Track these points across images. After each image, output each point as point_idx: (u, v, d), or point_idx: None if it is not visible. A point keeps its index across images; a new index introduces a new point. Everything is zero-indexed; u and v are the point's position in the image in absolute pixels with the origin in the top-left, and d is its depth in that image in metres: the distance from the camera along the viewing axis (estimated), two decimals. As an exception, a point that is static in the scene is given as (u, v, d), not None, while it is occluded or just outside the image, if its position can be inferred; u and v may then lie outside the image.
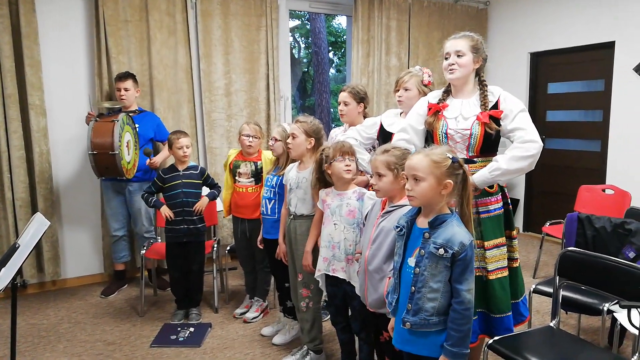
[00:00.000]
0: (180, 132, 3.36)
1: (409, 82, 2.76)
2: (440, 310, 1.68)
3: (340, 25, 12.18)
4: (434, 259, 1.66)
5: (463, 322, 1.64)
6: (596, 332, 3.12)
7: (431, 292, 1.67)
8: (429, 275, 1.67)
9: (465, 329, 1.65)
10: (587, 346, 2.20)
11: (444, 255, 1.64)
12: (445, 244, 1.64)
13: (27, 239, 2.27)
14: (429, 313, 1.68)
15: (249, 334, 3.19)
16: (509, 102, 2.18)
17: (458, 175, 1.69)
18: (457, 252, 1.63)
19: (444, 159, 1.68)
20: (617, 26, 4.60)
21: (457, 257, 1.63)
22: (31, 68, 3.68)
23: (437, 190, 1.68)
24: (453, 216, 1.71)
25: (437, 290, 1.67)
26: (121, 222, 3.91)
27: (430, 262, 1.67)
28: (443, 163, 1.67)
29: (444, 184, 1.67)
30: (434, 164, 1.67)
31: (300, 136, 2.64)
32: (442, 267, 1.65)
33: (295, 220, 2.68)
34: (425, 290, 1.68)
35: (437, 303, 1.67)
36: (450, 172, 1.68)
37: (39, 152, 3.77)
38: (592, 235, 2.87)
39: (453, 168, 1.68)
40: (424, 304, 1.68)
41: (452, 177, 1.68)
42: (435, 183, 1.67)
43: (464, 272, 1.64)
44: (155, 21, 4.10)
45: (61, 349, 3.02)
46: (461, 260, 1.63)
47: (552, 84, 5.38)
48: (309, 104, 12.27)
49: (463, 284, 1.64)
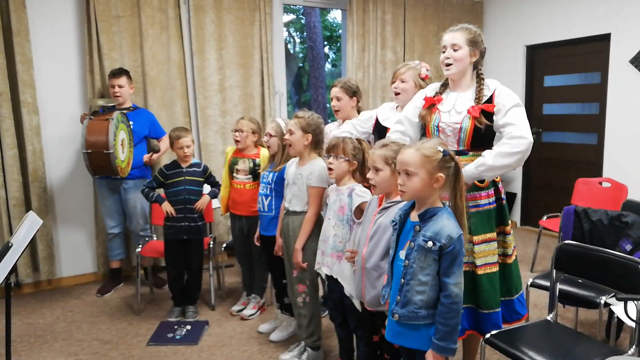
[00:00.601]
0: (181, 129, 3.33)
1: (406, 74, 2.74)
2: (429, 303, 1.68)
3: (335, 20, 12.13)
4: (422, 251, 1.67)
5: (450, 315, 1.64)
6: (593, 325, 3.12)
7: (420, 284, 1.68)
8: (417, 268, 1.68)
9: (452, 323, 1.65)
10: (584, 339, 2.20)
11: (432, 248, 1.64)
12: (434, 237, 1.64)
13: (20, 238, 2.25)
14: (418, 306, 1.68)
15: (246, 331, 3.18)
16: (503, 96, 2.15)
17: (450, 169, 1.69)
18: (445, 245, 1.63)
19: (435, 153, 1.68)
20: (612, 18, 4.58)
21: (444, 250, 1.63)
22: (23, 65, 3.64)
23: (428, 184, 1.68)
24: (444, 209, 1.70)
25: (426, 283, 1.67)
26: (116, 219, 3.89)
27: (419, 255, 1.67)
28: (434, 157, 1.67)
29: (436, 178, 1.67)
30: (425, 158, 1.67)
31: (296, 132, 2.60)
32: (430, 260, 1.66)
33: (289, 217, 2.67)
34: (414, 282, 1.68)
35: (425, 296, 1.67)
36: (441, 166, 1.68)
37: (32, 151, 3.74)
38: (589, 228, 2.87)
39: (444, 161, 1.68)
40: (412, 297, 1.69)
41: (444, 171, 1.68)
42: (427, 177, 1.67)
43: (451, 265, 1.64)
44: (147, 17, 4.06)
45: (57, 348, 3.01)
46: (449, 254, 1.64)
47: (549, 76, 5.37)
48: (304, 100, 12.23)
49: (450, 277, 1.64)
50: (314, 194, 2.54)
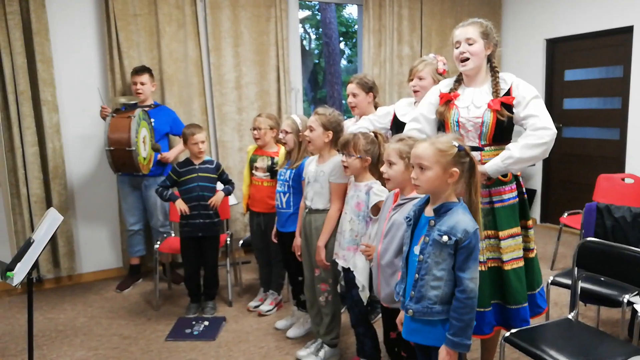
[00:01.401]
0: (195, 126, 3.34)
1: (424, 71, 2.72)
2: (443, 298, 1.66)
3: (351, 15, 12.07)
4: (437, 246, 1.65)
5: (465, 311, 1.62)
6: (616, 324, 3.05)
7: (434, 280, 1.66)
8: (432, 263, 1.66)
9: (467, 318, 1.63)
10: (606, 338, 2.15)
11: (448, 243, 1.63)
12: (449, 231, 1.63)
13: (41, 234, 2.29)
14: (432, 301, 1.67)
15: (263, 328, 3.19)
16: (521, 88, 2.13)
17: (464, 164, 1.67)
18: (461, 239, 1.61)
19: (449, 147, 1.66)
20: (635, 10, 4.46)
21: (460, 244, 1.62)
22: (43, 64, 3.70)
23: (443, 179, 1.66)
24: (459, 204, 1.69)
25: (441, 279, 1.66)
26: (137, 216, 3.93)
27: (434, 250, 1.66)
28: (449, 152, 1.66)
29: (450, 173, 1.66)
30: (439, 153, 1.66)
31: (317, 129, 2.59)
32: (445, 255, 1.64)
33: (311, 215, 2.66)
34: (428, 277, 1.67)
35: (440, 291, 1.66)
36: (456, 161, 1.66)
37: (53, 148, 3.80)
38: (611, 225, 2.81)
39: (459, 156, 1.66)
40: (427, 292, 1.67)
41: (459, 166, 1.66)
42: (441, 172, 1.66)
43: (467, 260, 1.63)
44: (164, 14, 4.08)
45: (78, 343, 3.05)
46: (464, 248, 1.62)
47: (569, 70, 5.26)
48: (320, 96, 12.21)
49: (466, 272, 1.63)
50: (337, 190, 2.53)
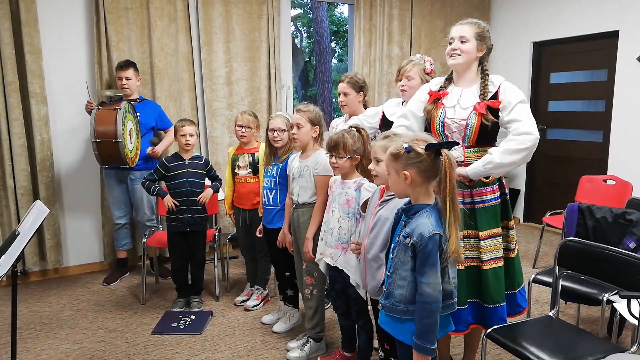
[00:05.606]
0: (187, 120, 3.36)
1: (412, 71, 2.75)
2: (407, 298, 1.67)
3: (342, 14, 12.08)
4: (402, 247, 1.68)
5: (423, 315, 1.62)
6: (595, 322, 3.13)
7: (400, 279, 1.68)
8: (399, 263, 1.69)
9: (426, 322, 1.62)
10: (586, 336, 2.20)
11: (408, 245, 1.64)
12: (410, 234, 1.64)
13: (26, 226, 2.28)
14: (397, 299, 1.69)
15: (249, 322, 3.21)
16: (508, 92, 2.15)
17: (420, 163, 1.64)
18: (417, 242, 1.61)
19: (398, 151, 1.67)
20: (621, 15, 4.56)
21: (416, 247, 1.62)
22: (31, 55, 3.67)
23: (399, 181, 1.68)
24: (428, 207, 1.67)
25: (405, 279, 1.67)
26: (123, 210, 3.92)
27: (400, 250, 1.69)
28: (399, 154, 1.66)
29: (404, 175, 1.66)
30: (391, 157, 1.69)
31: (305, 125, 2.63)
32: (408, 257, 1.66)
33: (298, 209, 2.69)
34: (395, 276, 1.70)
35: (404, 291, 1.68)
36: (407, 163, 1.65)
37: (40, 140, 3.77)
38: (592, 225, 2.87)
39: (408, 158, 1.65)
40: (393, 290, 1.70)
41: (411, 167, 1.65)
42: (396, 175, 1.68)
43: (423, 264, 1.62)
44: (156, 8, 4.07)
45: (63, 336, 3.04)
46: (420, 252, 1.62)
47: (555, 73, 5.35)
48: (310, 94, 12.22)
49: (423, 276, 1.62)
50: (322, 183, 2.57)
